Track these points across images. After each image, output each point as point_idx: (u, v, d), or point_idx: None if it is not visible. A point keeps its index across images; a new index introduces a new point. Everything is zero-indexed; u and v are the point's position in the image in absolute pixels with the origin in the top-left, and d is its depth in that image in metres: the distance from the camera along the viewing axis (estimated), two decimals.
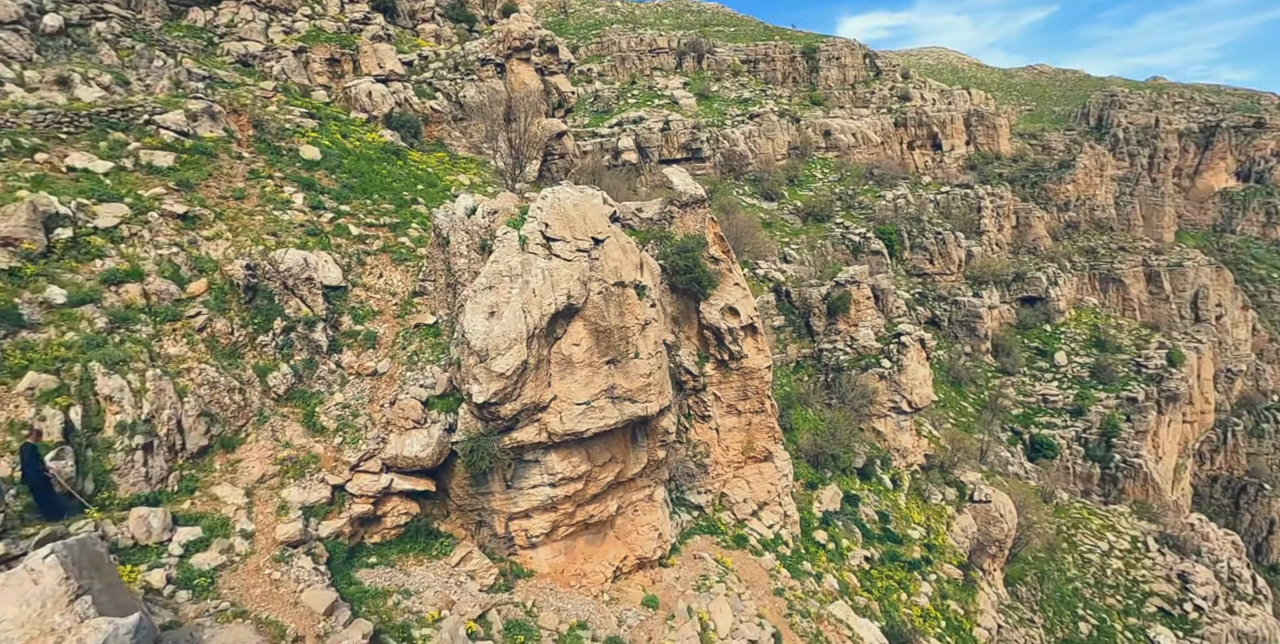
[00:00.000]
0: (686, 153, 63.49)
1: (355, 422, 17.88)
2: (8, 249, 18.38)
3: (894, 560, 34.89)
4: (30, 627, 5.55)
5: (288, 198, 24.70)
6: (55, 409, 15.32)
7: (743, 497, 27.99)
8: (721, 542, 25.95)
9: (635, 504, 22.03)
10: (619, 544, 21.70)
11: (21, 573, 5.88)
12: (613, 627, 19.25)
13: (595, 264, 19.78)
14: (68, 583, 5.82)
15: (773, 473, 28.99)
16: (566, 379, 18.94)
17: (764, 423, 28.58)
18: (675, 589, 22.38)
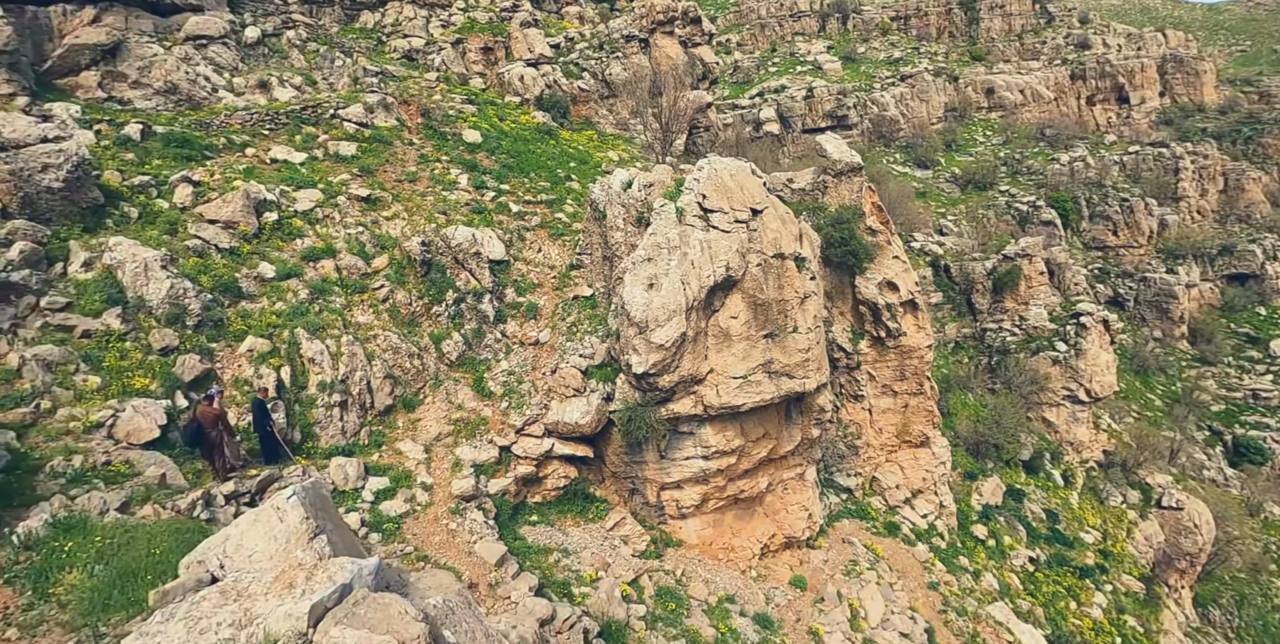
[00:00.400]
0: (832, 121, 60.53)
1: (520, 388, 18.88)
2: (228, 231, 21.01)
3: (1062, 565, 31.89)
4: (278, 559, 6.24)
5: (454, 179, 26.30)
6: (269, 369, 17.41)
7: (895, 483, 26.72)
8: (871, 528, 24.97)
9: (786, 482, 21.64)
10: (767, 521, 21.48)
11: (269, 510, 6.65)
12: (760, 603, 19.14)
13: (754, 235, 19.39)
14: (307, 522, 6.51)
15: (929, 459, 27.38)
16: (723, 352, 18.81)
17: (922, 406, 27.00)
18: (823, 572, 21.85)
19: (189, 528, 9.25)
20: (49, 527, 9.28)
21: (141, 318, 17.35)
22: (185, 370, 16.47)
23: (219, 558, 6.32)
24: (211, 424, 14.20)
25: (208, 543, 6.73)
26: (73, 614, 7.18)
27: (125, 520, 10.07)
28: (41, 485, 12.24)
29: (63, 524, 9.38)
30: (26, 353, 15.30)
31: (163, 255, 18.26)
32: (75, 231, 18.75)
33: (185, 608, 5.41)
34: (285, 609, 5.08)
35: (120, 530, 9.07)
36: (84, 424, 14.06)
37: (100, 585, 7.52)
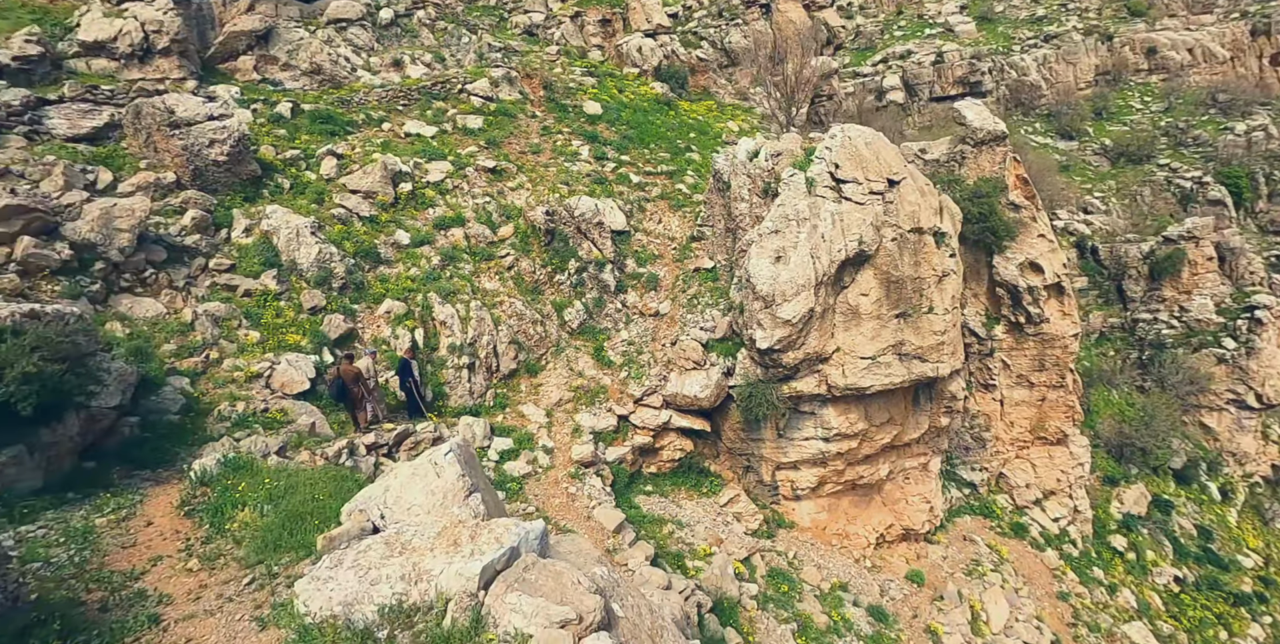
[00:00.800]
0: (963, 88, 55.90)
1: (639, 358, 18.88)
2: (368, 200, 22.15)
3: (1214, 589, 28.54)
4: (436, 514, 6.36)
5: (575, 150, 26.46)
6: (405, 330, 18.28)
7: (1025, 481, 24.80)
8: (996, 527, 23.35)
9: (908, 471, 20.57)
10: (885, 510, 20.53)
11: (427, 465, 6.80)
12: (875, 595, 18.35)
13: (889, 207, 18.26)
14: (463, 479, 6.61)
15: (1065, 459, 25.18)
16: (852, 331, 17.95)
17: (1062, 400, 24.80)
18: (942, 569, 20.69)
19: (343, 476, 9.74)
20: (221, 465, 10.06)
21: (294, 280, 18.64)
22: (331, 329, 17.56)
23: (379, 508, 6.54)
24: (352, 381, 15.09)
25: (367, 492, 6.99)
26: (247, 551, 7.64)
27: (285, 464, 10.81)
28: (211, 427, 13.44)
29: (232, 464, 10.13)
30: (198, 308, 16.80)
31: (312, 222, 19.50)
32: (237, 201, 20.34)
33: (352, 556, 5.59)
34: (456, 568, 5.12)
35: (283, 474, 9.69)
36: (246, 374, 15.30)
37: (270, 526, 7.99)
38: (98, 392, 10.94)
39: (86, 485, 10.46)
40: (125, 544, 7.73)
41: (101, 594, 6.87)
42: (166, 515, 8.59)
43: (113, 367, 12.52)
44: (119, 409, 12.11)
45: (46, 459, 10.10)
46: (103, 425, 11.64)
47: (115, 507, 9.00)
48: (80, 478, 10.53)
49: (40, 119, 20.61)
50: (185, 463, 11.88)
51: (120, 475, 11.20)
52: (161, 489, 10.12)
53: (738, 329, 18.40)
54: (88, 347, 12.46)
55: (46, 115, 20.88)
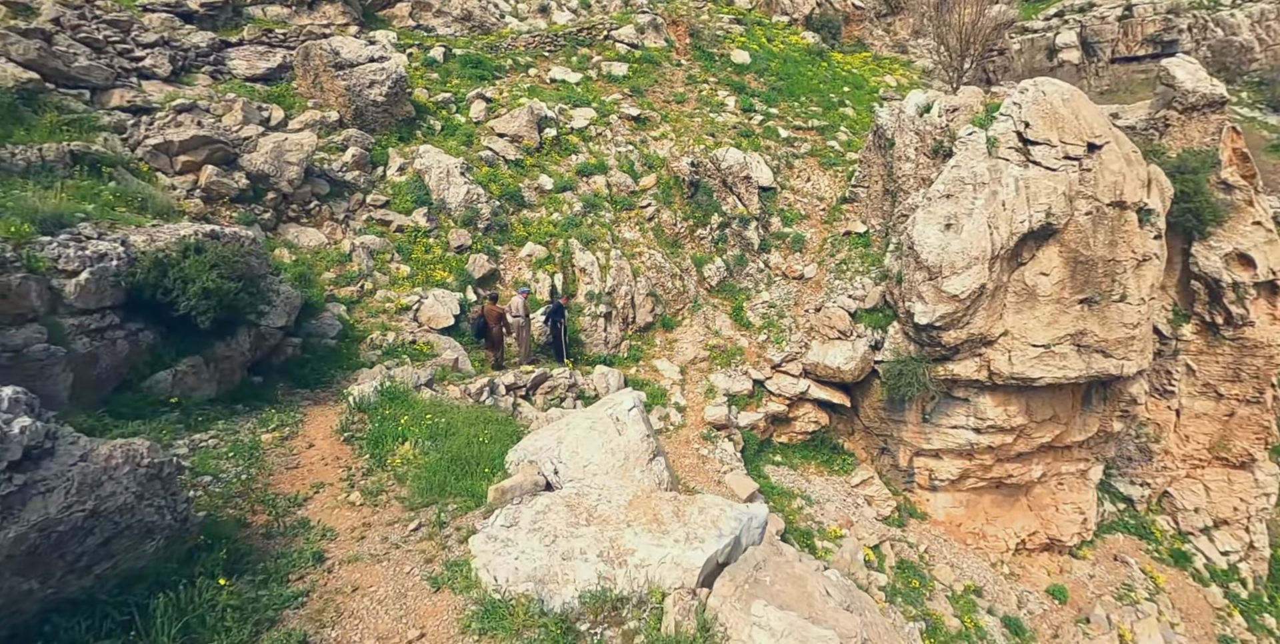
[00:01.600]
0: (1153, 47, 48.28)
1: (780, 322, 17.54)
2: (514, 144, 21.72)
3: None
4: (615, 475, 5.59)
5: (721, 101, 24.83)
6: (545, 274, 17.82)
7: (1194, 505, 21.57)
8: (1152, 551, 20.51)
9: (1063, 476, 18.23)
10: (1029, 515, 18.39)
11: (607, 420, 6.04)
12: (1011, 605, 16.49)
13: (1086, 176, 15.63)
14: (648, 441, 5.80)
15: (1247, 486, 21.65)
16: (1024, 313, 15.74)
17: (1254, 418, 21.17)
18: (1088, 588, 18.35)
19: (501, 420, 9.25)
20: (378, 394, 9.87)
21: (442, 218, 18.56)
22: (475, 268, 17.36)
23: (552, 461, 5.82)
24: (494, 321, 14.78)
25: (535, 441, 6.31)
26: (411, 491, 7.22)
27: (439, 398, 10.51)
28: (363, 354, 13.52)
29: (389, 393, 9.90)
30: (356, 241, 17.02)
31: (461, 163, 19.29)
32: (392, 140, 20.43)
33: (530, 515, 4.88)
34: (670, 555, 4.27)
35: (439, 409, 9.30)
36: (396, 306, 15.34)
37: (434, 466, 7.54)
38: (267, 311, 11.03)
39: (253, 398, 10.61)
40: (289, 465, 7.55)
41: (266, 518, 6.63)
42: (327, 439, 8.41)
43: (280, 289, 12.69)
44: (284, 330, 12.29)
45: (220, 371, 10.28)
46: (270, 344, 11.83)
47: (279, 423, 8.95)
48: (248, 391, 10.70)
49: (223, 60, 21.46)
50: (342, 386, 11.95)
51: (283, 392, 11.36)
52: (320, 411, 10.08)
53: (891, 300, 16.61)
54: (259, 268, 12.67)
55: (228, 56, 21.71)
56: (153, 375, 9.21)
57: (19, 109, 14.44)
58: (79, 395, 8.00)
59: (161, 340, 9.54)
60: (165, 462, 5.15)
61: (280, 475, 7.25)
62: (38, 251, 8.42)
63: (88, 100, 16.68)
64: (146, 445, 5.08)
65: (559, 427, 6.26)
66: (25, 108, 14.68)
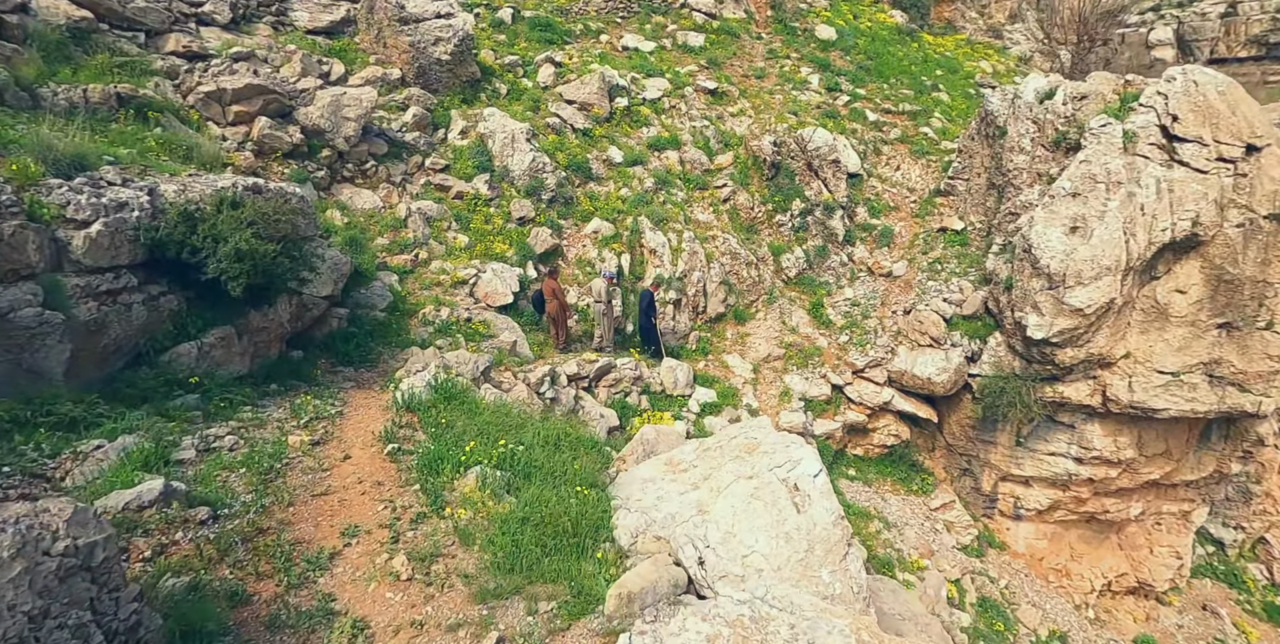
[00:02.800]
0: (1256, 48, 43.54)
1: (864, 323, 15.38)
2: (583, 112, 19.66)
3: None
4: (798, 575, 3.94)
5: (804, 78, 22.36)
6: (611, 253, 15.88)
7: None
8: (1244, 602, 17.99)
9: (1162, 516, 15.84)
10: (1119, 555, 16.10)
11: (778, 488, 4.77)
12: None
13: (1241, 182, 13.03)
14: (840, 525, 4.47)
15: None
16: (1151, 335, 13.33)
17: None
18: (1175, 640, 16.06)
19: (582, 439, 7.19)
20: (431, 390, 7.98)
21: (505, 187, 16.71)
22: (537, 242, 15.51)
23: (694, 543, 3.95)
24: (551, 296, 13.04)
25: (658, 500, 4.46)
26: (479, 567, 5.10)
27: (502, 400, 8.47)
28: (414, 330, 11.81)
29: (444, 390, 8.00)
30: (412, 205, 15.29)
31: (527, 129, 17.37)
32: (455, 102, 18.59)
33: None
34: None
35: (506, 417, 7.44)
36: (452, 279, 13.60)
37: (511, 524, 5.32)
38: (310, 279, 9.32)
39: (290, 376, 8.96)
40: (316, 487, 5.75)
41: (275, 587, 4.74)
42: (367, 448, 6.58)
43: (328, 254, 10.99)
44: (330, 299, 10.62)
45: (254, 344, 8.64)
46: (312, 315, 10.16)
47: (313, 415, 7.21)
48: (284, 368, 9.05)
49: (285, 10, 19.79)
50: (389, 366, 10.27)
51: (324, 370, 9.70)
52: (363, 398, 8.38)
53: (996, 308, 14.30)
54: (306, 230, 10.96)
55: (291, 7, 20.02)
56: (174, 348, 7.55)
57: (68, 48, 12.86)
58: (78, 371, 6.38)
59: (187, 307, 7.89)
60: (102, 541, 3.21)
61: (303, 507, 5.40)
62: (43, 196, 6.76)
63: (141, 44, 15.08)
64: (68, 513, 3.11)
65: (703, 490, 4.41)
66: (75, 47, 13.10)
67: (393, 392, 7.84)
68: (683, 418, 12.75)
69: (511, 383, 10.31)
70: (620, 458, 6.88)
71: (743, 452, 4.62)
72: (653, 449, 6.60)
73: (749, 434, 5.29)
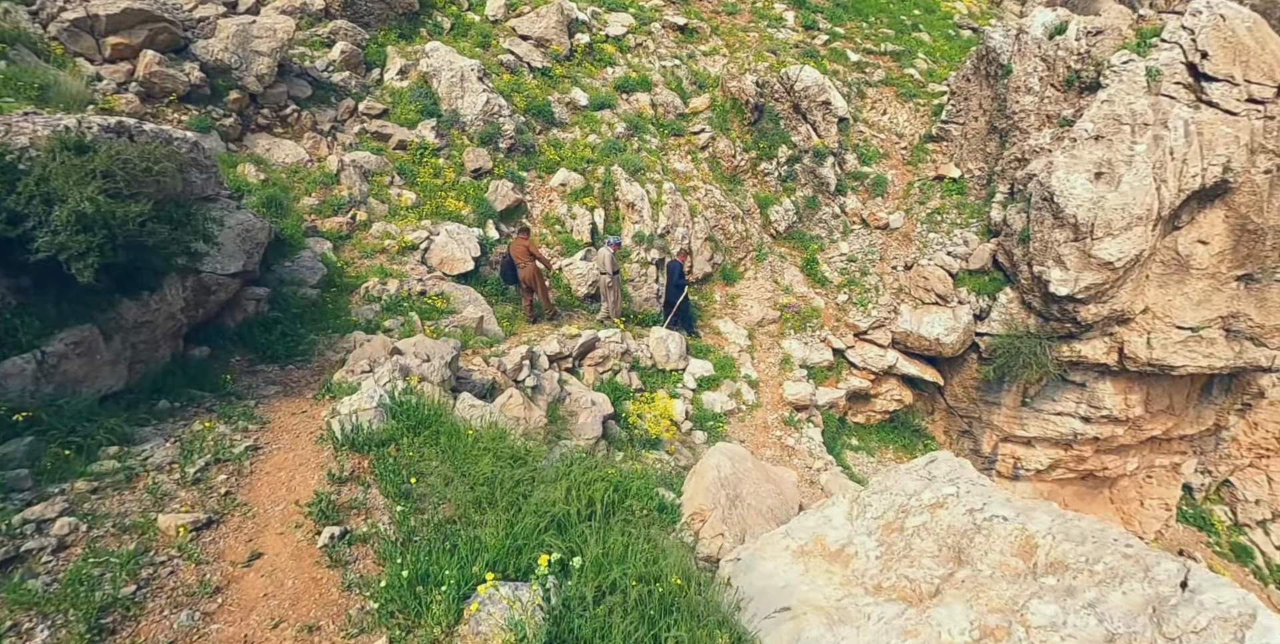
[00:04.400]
0: None
1: (863, 281, 13.56)
2: (540, 49, 16.73)
3: None
4: None
5: (779, 15, 19.74)
6: (583, 209, 13.47)
7: (1254, 496, 18.77)
8: (1213, 544, 17.76)
9: (1154, 470, 15.08)
10: (1110, 509, 15.34)
11: None
12: None
13: (1270, 125, 11.53)
14: None
15: None
16: (1170, 288, 11.97)
17: None
18: None
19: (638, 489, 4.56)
20: (386, 414, 5.35)
21: (455, 134, 13.92)
22: (498, 198, 12.94)
23: None
24: (523, 258, 10.63)
25: None
26: None
27: (494, 422, 5.77)
28: (356, 309, 9.34)
29: (407, 414, 5.33)
30: (345, 157, 12.42)
31: (478, 66, 14.47)
32: (391, 37, 15.41)
33: None
34: None
35: (503, 454, 4.88)
36: (399, 244, 11.02)
37: None
38: (206, 251, 6.73)
39: (189, 384, 6.52)
40: (215, 599, 3.47)
41: None
42: (288, 534, 3.96)
43: (236, 218, 8.32)
44: (243, 276, 8.03)
45: (132, 347, 6.12)
46: (219, 298, 7.60)
47: (213, 456, 4.75)
48: (182, 374, 6.59)
49: None
50: (327, 359, 7.87)
51: (239, 370, 7.26)
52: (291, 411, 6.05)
53: (1009, 262, 12.67)
54: (205, 187, 8.24)
55: None
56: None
57: None
58: None
59: (15, 304, 5.32)
60: None
61: None
62: None
63: None
64: None
65: (886, 584, 2.45)
66: None
67: (328, 421, 5.28)
68: (679, 395, 10.81)
69: (484, 371, 8.08)
70: (697, 517, 4.71)
71: (1008, 553, 2.59)
72: (736, 491, 4.63)
73: (972, 503, 3.23)
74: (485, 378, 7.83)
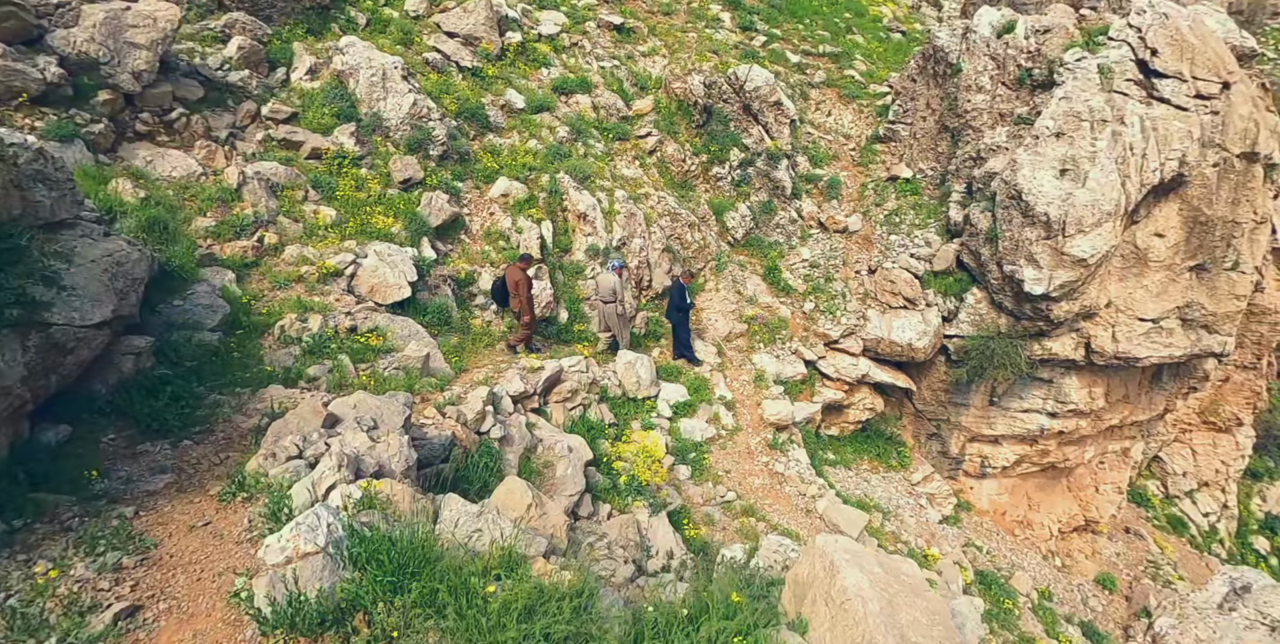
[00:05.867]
0: None
1: (829, 287, 12.70)
2: (469, 48, 15.04)
3: None
4: None
5: (716, 15, 18.83)
6: (529, 221, 11.94)
7: (1182, 469, 19.41)
8: (1152, 519, 18.18)
9: (1106, 455, 15.11)
10: (1068, 497, 15.25)
11: None
12: (1078, 605, 13.16)
13: (1214, 120, 11.51)
14: None
15: (1230, 449, 19.59)
16: (1129, 282, 11.77)
17: (1248, 384, 18.82)
18: (1120, 569, 15.55)
19: None
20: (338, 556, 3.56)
21: (378, 141, 12.06)
22: (433, 212, 11.22)
23: None
24: (516, 288, 9.30)
25: None
26: None
27: (501, 535, 4.22)
28: (270, 355, 7.49)
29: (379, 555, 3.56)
30: (247, 169, 10.37)
31: (402, 64, 12.67)
32: (298, 33, 13.38)
33: None
34: None
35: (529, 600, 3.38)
36: (319, 270, 9.17)
37: None
38: (51, 301, 4.87)
39: (37, 486, 4.67)
40: None
41: None
42: None
43: (104, 249, 6.37)
44: (115, 324, 6.11)
45: None
46: (80, 357, 5.67)
47: (63, 637, 3.03)
48: (27, 471, 4.71)
49: None
50: (235, 425, 6.08)
51: (114, 454, 5.39)
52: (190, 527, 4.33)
53: (975, 262, 12.13)
54: (55, 209, 6.27)
55: None
56: None
57: None
58: None
59: None
60: None
61: None
62: None
63: None
64: None
65: None
66: None
67: (247, 582, 3.45)
68: (654, 426, 9.52)
69: (439, 425, 6.49)
70: None
71: None
72: (901, 634, 3.21)
73: None
74: (443, 434, 6.27)
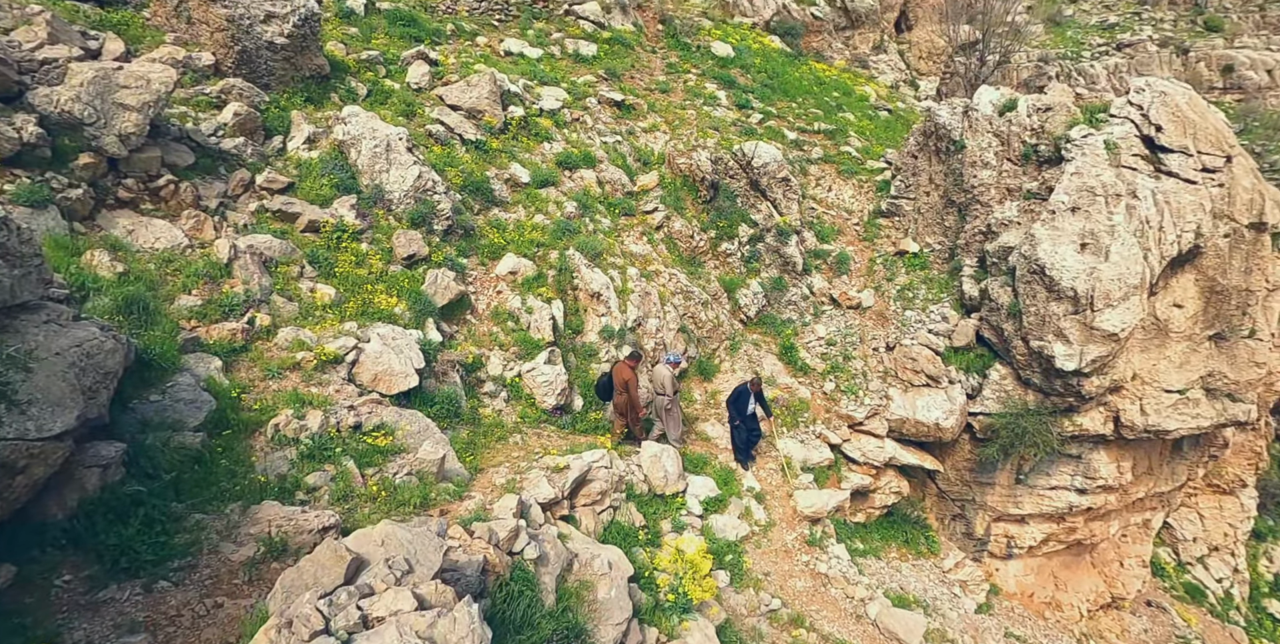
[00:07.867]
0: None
1: (848, 366, 12.14)
2: (473, 120, 14.84)
3: None
4: None
5: (712, 93, 19.25)
6: (539, 301, 11.25)
7: (1192, 534, 18.89)
8: (1170, 588, 17.41)
9: (1129, 529, 14.46)
10: (1093, 574, 14.45)
11: None
12: None
13: (1222, 192, 11.70)
14: None
15: (1235, 511, 19.29)
16: (1152, 353, 11.50)
17: (1248, 444, 18.78)
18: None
19: None
20: None
21: (379, 214, 11.43)
22: (438, 290, 10.47)
23: None
24: (622, 388, 8.59)
25: None
26: None
27: None
28: (261, 460, 6.45)
29: None
30: (239, 242, 9.55)
31: (406, 135, 12.25)
32: (296, 101, 12.95)
33: None
34: None
35: None
36: (317, 356, 8.22)
37: None
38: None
39: None
40: None
41: None
42: None
43: (71, 338, 5.42)
44: (76, 433, 5.07)
45: None
46: (33, 476, 4.60)
47: None
48: None
49: None
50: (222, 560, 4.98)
51: (68, 605, 4.26)
52: None
53: (998, 338, 11.77)
54: (17, 290, 5.36)
55: None
56: None
57: None
58: None
59: None
60: None
61: None
62: None
63: None
64: None
65: None
66: None
67: None
68: (684, 526, 8.53)
69: (469, 548, 5.46)
70: None
71: None
72: None
73: None
74: (474, 558, 5.25)
